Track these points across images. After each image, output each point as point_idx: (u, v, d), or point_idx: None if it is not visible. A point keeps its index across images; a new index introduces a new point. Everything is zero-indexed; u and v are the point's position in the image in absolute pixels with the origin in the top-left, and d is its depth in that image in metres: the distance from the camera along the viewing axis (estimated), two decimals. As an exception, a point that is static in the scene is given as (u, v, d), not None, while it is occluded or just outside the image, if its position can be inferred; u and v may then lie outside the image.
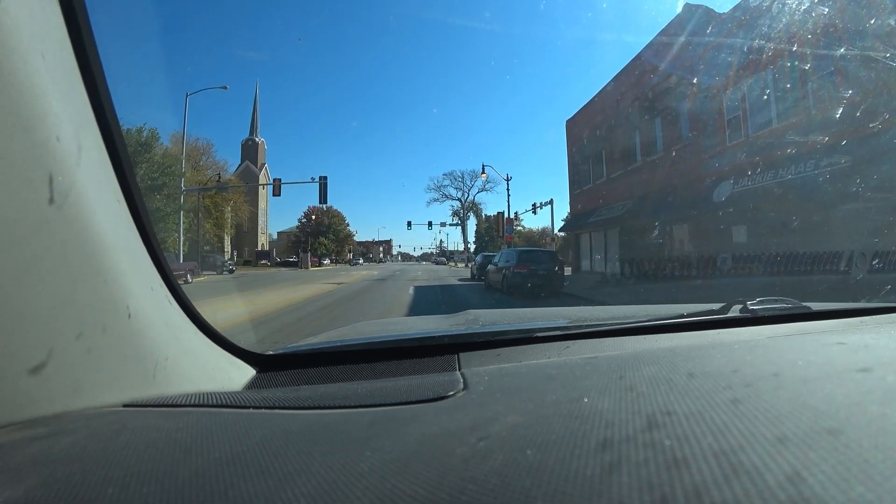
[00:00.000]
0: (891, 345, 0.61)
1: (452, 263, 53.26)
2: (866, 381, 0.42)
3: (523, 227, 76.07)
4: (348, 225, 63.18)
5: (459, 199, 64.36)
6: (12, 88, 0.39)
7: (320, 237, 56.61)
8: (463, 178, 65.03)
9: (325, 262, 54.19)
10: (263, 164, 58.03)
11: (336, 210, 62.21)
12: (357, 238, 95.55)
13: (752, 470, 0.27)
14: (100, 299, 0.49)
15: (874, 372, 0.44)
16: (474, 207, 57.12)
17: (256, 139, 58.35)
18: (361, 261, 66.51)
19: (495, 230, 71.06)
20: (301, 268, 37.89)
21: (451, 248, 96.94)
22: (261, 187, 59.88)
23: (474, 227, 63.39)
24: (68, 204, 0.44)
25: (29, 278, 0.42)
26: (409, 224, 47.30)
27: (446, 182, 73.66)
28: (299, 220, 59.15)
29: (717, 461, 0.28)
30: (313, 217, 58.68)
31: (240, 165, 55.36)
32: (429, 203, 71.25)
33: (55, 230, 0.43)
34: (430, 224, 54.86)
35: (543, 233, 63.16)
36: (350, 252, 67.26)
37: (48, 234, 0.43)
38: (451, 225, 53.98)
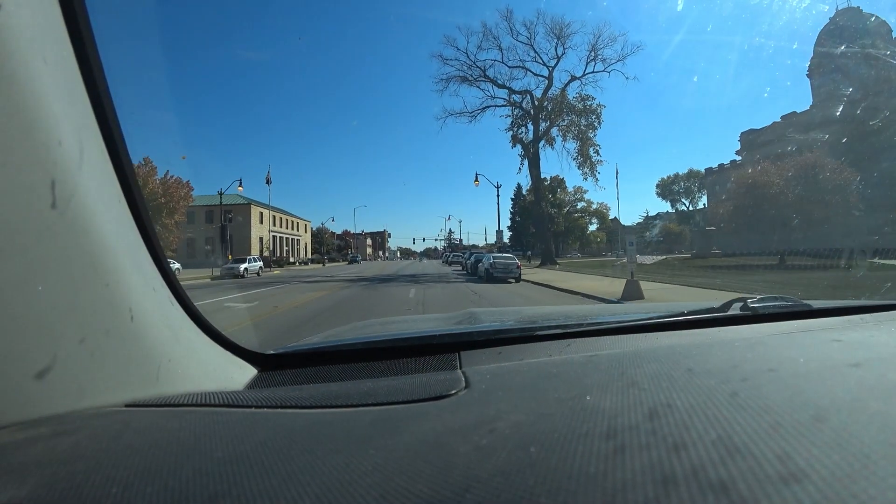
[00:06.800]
0: (891, 342, 0.63)
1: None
2: (862, 377, 0.43)
3: (588, 203, 51.32)
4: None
5: (521, 97, 23.61)
6: (14, 92, 0.39)
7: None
8: (532, 39, 23.37)
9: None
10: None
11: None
12: (331, 226, 50.73)
13: (746, 452, 0.29)
14: (102, 303, 0.49)
15: (868, 368, 0.45)
16: (571, 120, 20.65)
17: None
18: (254, 260, 24.05)
19: (551, 202, 38.28)
20: None
21: (465, 240, 62.35)
22: None
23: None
24: (70, 208, 0.44)
25: (32, 284, 0.42)
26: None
27: (488, 54, 25.82)
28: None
29: (714, 446, 0.30)
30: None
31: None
32: (441, 120, 27.19)
33: (57, 235, 0.44)
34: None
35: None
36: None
37: (50, 238, 0.43)
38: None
